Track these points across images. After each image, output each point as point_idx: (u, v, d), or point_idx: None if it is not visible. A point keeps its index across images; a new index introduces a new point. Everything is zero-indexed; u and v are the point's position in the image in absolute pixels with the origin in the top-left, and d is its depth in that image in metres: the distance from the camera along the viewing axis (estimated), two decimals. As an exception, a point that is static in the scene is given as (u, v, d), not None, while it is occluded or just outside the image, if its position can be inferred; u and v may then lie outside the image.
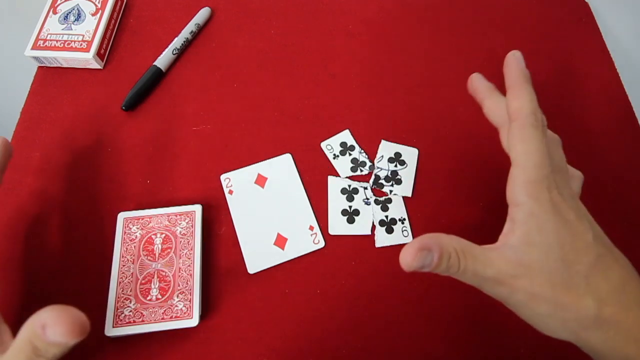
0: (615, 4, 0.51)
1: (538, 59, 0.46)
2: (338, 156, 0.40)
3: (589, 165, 0.41)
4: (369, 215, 0.37)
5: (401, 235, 0.36)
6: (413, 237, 0.36)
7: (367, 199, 0.38)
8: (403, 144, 0.41)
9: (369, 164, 0.39)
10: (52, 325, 0.22)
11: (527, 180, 0.25)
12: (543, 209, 0.24)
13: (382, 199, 0.38)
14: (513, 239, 0.25)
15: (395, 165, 0.39)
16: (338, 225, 0.37)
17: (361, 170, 0.39)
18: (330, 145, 0.40)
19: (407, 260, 0.25)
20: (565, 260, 0.24)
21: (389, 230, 0.37)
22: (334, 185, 0.39)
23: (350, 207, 0.38)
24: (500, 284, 0.25)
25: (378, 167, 0.39)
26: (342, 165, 0.40)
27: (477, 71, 0.45)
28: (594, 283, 0.24)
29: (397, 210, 0.38)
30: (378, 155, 0.40)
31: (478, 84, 0.33)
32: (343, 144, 0.40)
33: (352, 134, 0.41)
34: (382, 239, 0.36)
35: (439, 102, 0.43)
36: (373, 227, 0.37)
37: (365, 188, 0.38)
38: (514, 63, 0.31)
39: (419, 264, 0.25)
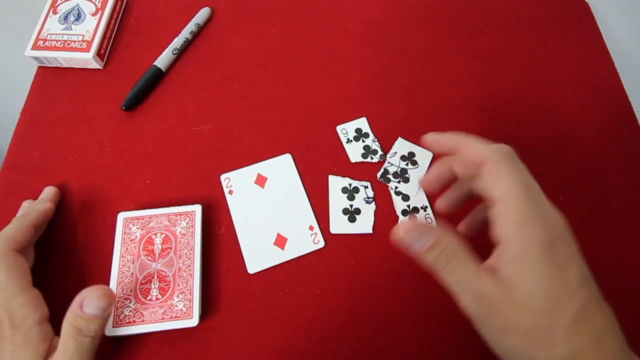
0: (615, 4, 0.51)
1: (538, 59, 0.46)
2: (351, 141, 0.40)
3: (589, 165, 0.41)
4: (370, 214, 0.37)
5: (425, 222, 0.36)
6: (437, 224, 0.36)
7: (368, 197, 0.38)
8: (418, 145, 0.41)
9: (380, 153, 0.40)
10: (88, 298, 0.28)
11: (515, 218, 0.24)
12: (533, 250, 0.24)
13: (403, 192, 0.38)
14: (501, 273, 0.24)
15: (407, 164, 0.40)
16: (339, 224, 0.37)
17: (372, 158, 0.40)
18: (346, 130, 0.41)
19: (403, 229, 0.26)
20: (550, 304, 0.23)
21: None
22: (335, 185, 0.39)
23: (351, 205, 0.38)
24: (481, 301, 0.25)
25: (389, 162, 0.39)
26: (354, 150, 0.40)
27: (477, 71, 0.45)
28: (575, 332, 0.23)
29: (418, 198, 0.38)
30: (392, 151, 0.40)
31: (440, 137, 0.30)
32: (358, 130, 0.41)
33: (368, 122, 0.42)
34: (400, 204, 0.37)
35: (439, 101, 0.43)
36: (374, 226, 0.37)
37: (366, 187, 0.38)
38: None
39: (411, 238, 0.26)
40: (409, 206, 0.38)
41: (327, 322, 0.34)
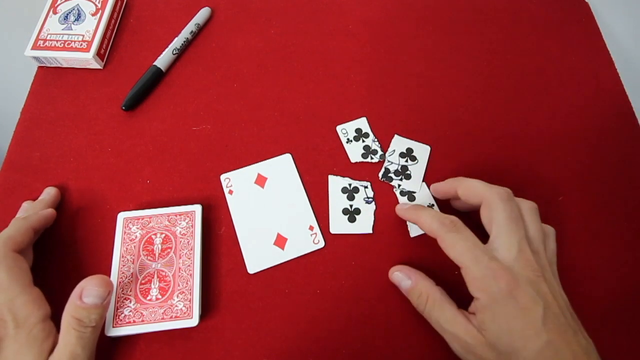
0: (615, 4, 0.51)
1: (538, 59, 0.46)
2: (351, 141, 0.40)
3: (589, 165, 0.41)
4: (370, 214, 0.37)
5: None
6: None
7: (368, 197, 0.38)
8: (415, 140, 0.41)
9: (380, 152, 0.40)
10: (87, 288, 0.28)
11: (472, 278, 0.29)
12: (494, 301, 0.28)
13: (407, 189, 0.38)
14: (475, 321, 0.29)
15: (406, 161, 0.40)
16: (339, 225, 0.37)
17: (372, 158, 0.40)
18: (346, 130, 0.41)
19: (391, 271, 0.34)
20: (513, 347, 0.27)
21: None
22: (335, 185, 0.39)
23: (351, 206, 0.38)
24: (457, 342, 0.29)
25: (389, 161, 0.39)
26: (354, 150, 0.40)
27: (477, 71, 0.45)
28: None
29: (425, 197, 0.38)
30: (390, 149, 0.40)
31: (441, 186, 0.36)
32: (358, 130, 0.41)
33: (368, 122, 0.41)
34: (417, 228, 0.37)
35: (439, 101, 0.43)
36: (374, 226, 0.37)
37: (366, 187, 0.38)
38: (401, 207, 0.36)
39: (397, 279, 0.34)
40: None
41: (327, 322, 0.34)
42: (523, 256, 0.29)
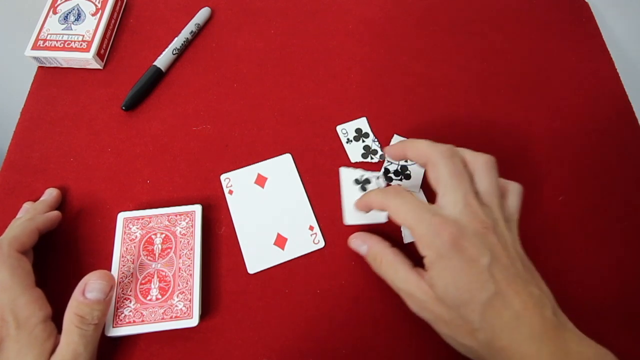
0: (615, 4, 0.51)
1: (538, 59, 0.46)
2: (351, 141, 0.40)
3: (589, 164, 0.41)
4: None
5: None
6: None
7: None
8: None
9: (380, 152, 0.40)
10: (90, 282, 0.29)
11: (417, 237, 0.29)
12: (439, 254, 0.28)
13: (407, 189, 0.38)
14: (426, 277, 0.29)
15: (406, 161, 0.39)
16: (353, 215, 0.37)
17: (372, 158, 0.40)
18: (346, 130, 0.41)
19: (349, 239, 0.35)
20: (461, 299, 0.27)
21: None
22: (347, 176, 0.39)
23: None
24: (411, 299, 0.30)
25: (388, 161, 0.39)
26: (354, 150, 0.40)
27: (477, 71, 0.45)
28: (488, 320, 0.26)
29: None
30: None
31: (392, 150, 0.35)
32: (358, 130, 0.41)
33: (368, 122, 0.42)
34: (410, 235, 0.37)
35: (439, 102, 0.43)
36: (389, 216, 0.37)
37: (378, 177, 0.39)
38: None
39: (354, 247, 0.35)
40: None
41: (327, 322, 0.34)
42: (469, 209, 0.28)
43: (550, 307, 0.27)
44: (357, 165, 0.40)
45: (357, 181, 0.38)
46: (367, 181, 0.38)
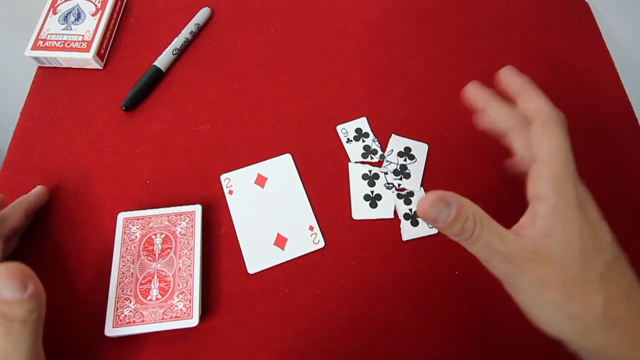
0: (615, 4, 0.51)
1: (538, 59, 0.46)
2: (351, 141, 0.40)
3: (589, 165, 0.41)
4: (391, 199, 0.38)
5: (427, 226, 0.37)
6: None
7: (388, 183, 0.38)
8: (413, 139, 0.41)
9: (380, 152, 0.40)
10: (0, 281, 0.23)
11: (553, 175, 0.25)
12: (568, 205, 0.25)
13: (404, 192, 0.38)
14: (531, 230, 0.25)
15: (405, 160, 0.40)
16: (361, 210, 0.37)
17: (372, 158, 0.40)
18: (346, 130, 0.41)
19: (425, 206, 0.25)
20: (584, 256, 0.24)
21: (414, 223, 0.37)
22: (355, 172, 0.39)
23: (372, 192, 0.38)
24: (511, 262, 0.25)
25: (388, 161, 0.40)
26: (354, 150, 0.40)
27: (477, 71, 0.45)
28: (607, 283, 0.24)
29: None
30: (388, 149, 0.40)
31: (477, 93, 0.32)
32: (358, 130, 0.41)
33: (368, 122, 0.42)
34: (409, 232, 0.37)
35: (439, 101, 0.43)
36: (396, 212, 0.38)
37: (386, 173, 0.39)
38: (513, 74, 0.31)
39: (435, 213, 0.25)
40: (411, 210, 0.38)
41: (327, 322, 0.34)
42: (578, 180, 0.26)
43: None
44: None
45: (365, 176, 0.39)
46: (376, 176, 0.38)
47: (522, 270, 0.25)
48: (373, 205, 0.38)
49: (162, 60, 0.44)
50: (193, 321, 0.32)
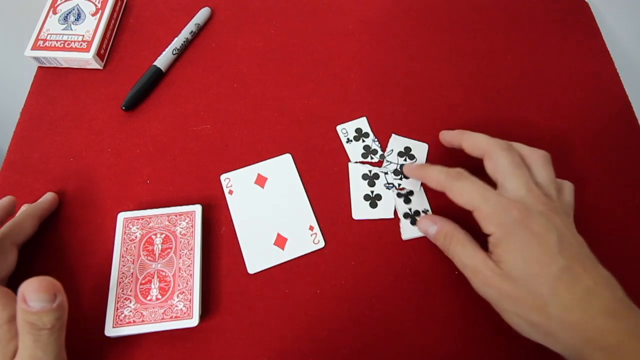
0: (615, 4, 0.51)
1: (538, 59, 0.46)
2: (351, 141, 0.40)
3: (589, 165, 0.41)
4: (391, 199, 0.38)
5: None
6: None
7: (389, 183, 0.38)
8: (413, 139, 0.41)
9: (380, 152, 0.40)
10: (29, 293, 0.25)
11: (485, 215, 0.29)
12: (507, 231, 0.28)
13: (403, 192, 0.38)
14: (492, 256, 0.29)
15: (405, 159, 0.40)
16: (361, 210, 0.37)
17: (372, 158, 0.40)
18: (346, 130, 0.41)
19: (419, 221, 0.36)
20: (530, 274, 0.27)
21: (414, 222, 0.37)
22: (355, 172, 0.39)
23: (372, 192, 0.38)
24: (477, 275, 0.30)
25: (388, 161, 0.40)
26: (354, 150, 0.40)
27: (477, 71, 0.45)
28: (558, 293, 0.26)
29: (420, 202, 0.38)
30: (388, 149, 0.40)
31: (449, 135, 0.37)
32: (358, 130, 0.41)
33: (368, 122, 0.42)
34: (408, 232, 0.37)
35: (439, 102, 0.43)
36: (396, 212, 0.38)
37: (386, 173, 0.39)
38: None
39: (424, 226, 0.35)
40: (410, 209, 0.38)
41: (327, 322, 0.34)
42: (532, 194, 0.29)
43: (619, 289, 0.27)
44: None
45: (365, 176, 0.39)
46: (376, 176, 0.38)
47: (485, 284, 0.29)
48: (373, 205, 0.38)
49: (162, 60, 0.44)
50: (193, 321, 0.32)
